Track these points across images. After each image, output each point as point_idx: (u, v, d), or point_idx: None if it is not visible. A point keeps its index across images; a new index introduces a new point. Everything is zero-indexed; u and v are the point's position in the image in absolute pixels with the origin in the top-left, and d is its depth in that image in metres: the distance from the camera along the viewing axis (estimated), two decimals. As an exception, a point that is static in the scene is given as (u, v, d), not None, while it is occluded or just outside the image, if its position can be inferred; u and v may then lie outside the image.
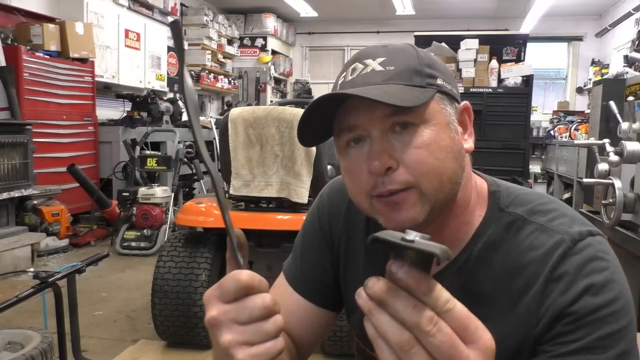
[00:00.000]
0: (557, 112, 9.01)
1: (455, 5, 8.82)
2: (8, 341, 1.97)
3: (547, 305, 0.67)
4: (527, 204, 0.75)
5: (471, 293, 0.72)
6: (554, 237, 0.70)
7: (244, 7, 9.35)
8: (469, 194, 0.75)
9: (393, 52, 0.70)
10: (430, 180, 0.67)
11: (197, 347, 2.52)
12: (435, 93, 0.69)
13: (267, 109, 2.49)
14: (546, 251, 0.69)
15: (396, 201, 0.67)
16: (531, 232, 0.72)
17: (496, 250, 0.73)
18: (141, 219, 4.54)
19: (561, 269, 0.67)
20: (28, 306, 2.64)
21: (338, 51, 10.44)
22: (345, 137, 0.70)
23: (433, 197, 0.67)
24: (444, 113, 0.69)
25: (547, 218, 0.72)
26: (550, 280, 0.67)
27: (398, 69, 0.68)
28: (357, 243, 0.86)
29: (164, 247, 2.61)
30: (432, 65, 0.70)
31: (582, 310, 0.64)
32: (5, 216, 3.99)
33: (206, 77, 8.30)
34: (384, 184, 0.67)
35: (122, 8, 6.17)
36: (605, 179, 2.02)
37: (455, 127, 0.71)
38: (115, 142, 5.44)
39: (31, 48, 4.65)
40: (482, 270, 0.73)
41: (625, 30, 7.78)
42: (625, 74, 5.59)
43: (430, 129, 0.67)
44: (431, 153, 0.66)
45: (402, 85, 0.67)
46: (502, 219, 0.74)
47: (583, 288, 0.65)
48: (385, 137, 0.67)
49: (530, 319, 0.68)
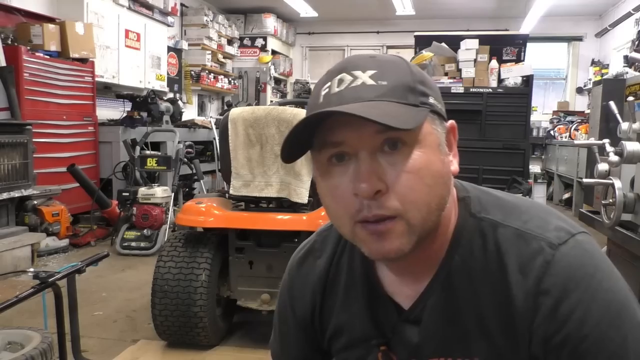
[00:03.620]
0: (557, 112, 9.02)
1: (455, 5, 8.82)
2: (8, 341, 1.96)
3: (538, 323, 0.64)
4: (498, 207, 0.72)
5: (457, 308, 0.70)
6: (531, 245, 0.66)
7: (244, 7, 9.35)
8: (449, 212, 0.71)
9: (384, 65, 0.65)
10: (419, 210, 0.63)
11: (197, 347, 2.52)
12: (428, 113, 0.65)
13: (267, 109, 2.49)
14: (526, 260, 0.66)
15: (382, 230, 0.63)
16: (507, 238, 0.68)
17: (474, 260, 0.70)
18: (141, 219, 4.54)
19: (547, 281, 0.64)
20: (28, 306, 2.64)
21: (338, 51, 10.44)
22: (327, 153, 0.65)
23: (420, 228, 0.64)
24: (435, 134, 0.65)
25: (521, 221, 0.69)
26: (537, 294, 0.64)
27: (391, 85, 0.63)
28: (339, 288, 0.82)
29: (164, 247, 2.61)
30: (424, 82, 0.66)
31: (578, 334, 0.62)
32: (5, 216, 3.99)
33: (206, 77, 8.30)
34: (370, 209, 0.62)
35: (122, 8, 6.17)
36: (605, 179, 2.02)
37: (445, 150, 0.67)
38: (115, 142, 5.44)
39: (31, 48, 4.64)
40: (463, 284, 0.70)
41: (625, 30, 7.78)
42: (625, 74, 5.59)
43: (421, 151, 0.63)
44: (421, 178, 0.62)
45: (396, 103, 0.62)
46: (475, 225, 0.71)
47: (572, 306, 0.62)
48: (375, 157, 0.62)
49: (522, 332, 0.66)
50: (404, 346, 0.74)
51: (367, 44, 10.15)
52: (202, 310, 2.40)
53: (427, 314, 0.72)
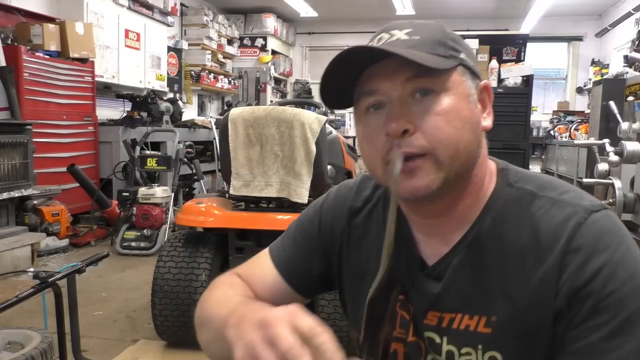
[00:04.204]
0: (557, 112, 9.01)
1: (455, 5, 8.82)
2: (8, 341, 1.96)
3: (565, 278, 0.66)
4: (535, 181, 0.75)
5: (482, 269, 0.72)
6: (566, 209, 0.69)
7: (244, 7, 9.35)
8: (483, 173, 0.75)
9: (419, 25, 0.72)
10: (446, 148, 0.67)
11: (197, 347, 2.50)
12: (458, 65, 0.70)
13: (267, 109, 2.49)
14: (559, 223, 0.68)
15: (411, 167, 0.67)
16: (541, 206, 0.71)
17: (506, 224, 0.72)
18: (141, 219, 4.54)
19: (578, 240, 0.66)
20: (28, 306, 2.64)
21: (338, 51, 10.23)
22: (365, 103, 0.71)
23: (448, 166, 0.68)
24: (464, 85, 0.70)
25: (557, 192, 0.72)
26: (567, 251, 0.66)
27: (423, 39, 0.69)
28: (370, 239, 0.84)
29: (164, 247, 2.61)
30: (456, 40, 0.72)
31: (603, 290, 0.63)
32: (5, 216, 3.99)
33: (206, 77, 8.30)
34: (400, 147, 0.67)
35: (122, 8, 6.16)
36: (605, 179, 2.02)
37: (474, 101, 0.72)
38: (115, 142, 5.44)
39: (31, 48, 4.64)
40: (492, 245, 0.72)
41: (625, 30, 7.78)
42: (625, 74, 5.60)
43: (449, 98, 0.68)
44: (449, 121, 0.67)
45: (426, 52, 0.67)
46: (511, 193, 0.74)
47: (601, 264, 0.64)
48: (405, 102, 0.68)
49: (547, 291, 0.67)
50: (422, 299, 0.76)
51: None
52: (202, 310, 2.40)
53: (451, 271, 0.74)
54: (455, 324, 0.73)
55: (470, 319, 0.72)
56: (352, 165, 3.34)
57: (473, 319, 0.72)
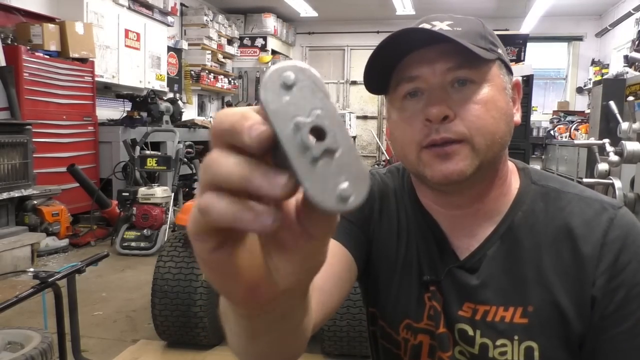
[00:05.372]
0: (557, 112, 9.01)
1: (455, 5, 8.82)
2: (8, 341, 1.97)
3: (602, 270, 0.70)
4: (555, 179, 0.79)
5: (517, 260, 0.74)
6: (593, 205, 0.74)
7: (244, 7, 9.35)
8: (507, 168, 0.78)
9: (460, 19, 0.74)
10: (484, 136, 0.68)
11: (197, 347, 2.52)
12: (497, 58, 0.72)
13: (267, 109, 2.48)
14: (591, 216, 0.72)
15: (448, 152, 0.68)
16: (569, 201, 0.75)
17: (538, 217, 0.75)
18: (141, 219, 4.54)
19: (612, 234, 0.71)
20: (28, 306, 2.64)
21: (338, 51, 10.44)
22: (403, 89, 0.72)
23: (483, 154, 0.69)
24: (502, 78, 0.72)
25: (579, 189, 0.77)
26: (603, 244, 0.70)
27: (465, 30, 0.71)
28: (399, 227, 0.83)
29: (164, 247, 2.61)
30: (494, 36, 0.75)
31: (633, 280, 0.69)
32: (5, 216, 3.99)
33: (206, 77, 8.30)
34: (439, 132, 0.68)
35: (122, 8, 6.16)
36: (605, 179, 2.02)
37: (510, 94, 0.74)
38: (115, 142, 5.44)
39: (31, 48, 4.64)
40: (526, 236, 0.75)
41: (625, 30, 7.78)
42: (625, 74, 5.60)
43: (488, 89, 0.70)
44: (488, 111, 0.69)
45: (469, 43, 0.68)
46: (537, 190, 0.77)
47: (630, 257, 0.70)
48: (445, 90, 0.69)
49: (584, 280, 0.70)
50: (456, 290, 0.77)
51: (367, 44, 10.13)
52: (202, 310, 2.40)
53: (486, 263, 0.76)
54: (489, 317, 0.74)
55: (506, 311, 0.73)
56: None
57: (508, 310, 0.73)
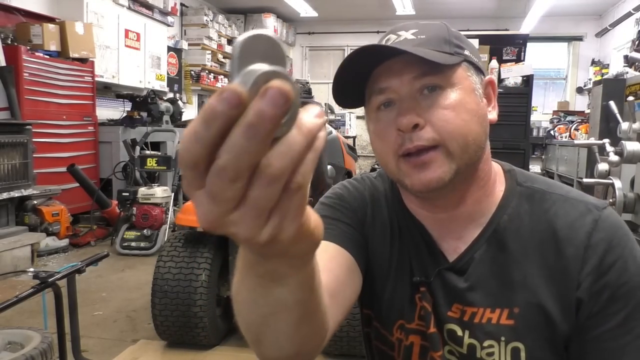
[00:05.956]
0: (557, 112, 9.01)
1: (455, 5, 8.82)
2: (8, 341, 1.96)
3: (587, 271, 0.71)
4: (540, 181, 0.80)
5: (503, 262, 0.75)
6: (578, 207, 0.75)
7: (244, 7, 9.35)
8: (489, 167, 0.79)
9: (425, 26, 0.75)
10: (456, 140, 0.69)
11: (197, 347, 2.52)
12: (462, 60, 0.73)
13: (267, 109, 2.48)
14: (575, 218, 0.73)
15: (424, 160, 0.70)
16: (553, 202, 0.76)
17: (523, 220, 0.76)
18: (141, 219, 4.54)
19: (596, 236, 0.72)
20: (28, 306, 2.64)
21: (338, 51, 10.43)
22: (376, 101, 0.74)
23: (459, 157, 0.70)
24: (470, 80, 0.73)
25: (564, 190, 0.78)
26: (587, 247, 0.71)
27: (428, 37, 0.72)
28: (390, 230, 0.84)
29: (164, 247, 2.61)
30: (460, 38, 0.75)
31: (617, 281, 0.70)
32: (5, 216, 3.99)
33: (206, 77, 8.30)
34: (411, 140, 0.69)
35: (122, 8, 6.16)
36: (605, 179, 2.02)
37: (480, 95, 0.75)
38: (115, 142, 5.44)
39: (31, 48, 4.64)
40: (512, 239, 0.75)
41: (625, 30, 7.78)
42: (625, 74, 5.59)
43: (456, 92, 0.71)
44: (457, 114, 0.70)
45: (432, 50, 0.70)
46: (523, 192, 0.78)
47: (615, 259, 0.70)
48: (414, 98, 0.71)
49: (569, 281, 0.71)
50: (445, 292, 0.78)
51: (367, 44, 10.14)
52: (202, 310, 2.40)
53: (474, 266, 0.77)
54: (477, 318, 0.75)
55: (492, 312, 0.75)
56: (352, 165, 3.34)
57: (495, 312, 0.74)
